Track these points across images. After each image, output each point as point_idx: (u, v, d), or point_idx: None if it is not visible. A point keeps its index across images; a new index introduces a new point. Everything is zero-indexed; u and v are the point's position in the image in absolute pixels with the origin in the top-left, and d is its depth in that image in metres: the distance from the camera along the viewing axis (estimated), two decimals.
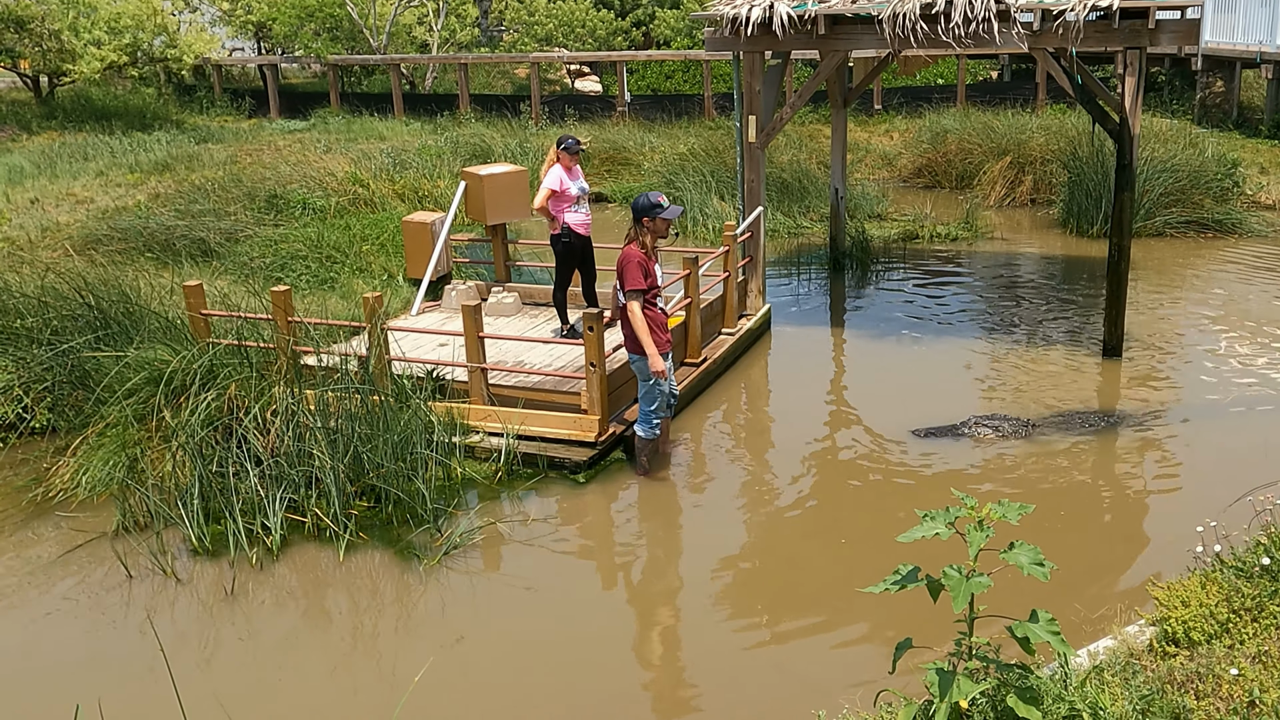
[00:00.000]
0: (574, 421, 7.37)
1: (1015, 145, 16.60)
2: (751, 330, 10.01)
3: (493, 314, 9.69)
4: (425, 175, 14.56)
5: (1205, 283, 11.75)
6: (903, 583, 3.28)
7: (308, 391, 7.04)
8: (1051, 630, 3.16)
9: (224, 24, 25.83)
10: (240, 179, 13.34)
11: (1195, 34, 8.41)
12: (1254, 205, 14.68)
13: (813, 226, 14.91)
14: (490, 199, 9.92)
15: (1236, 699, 3.68)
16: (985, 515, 3.20)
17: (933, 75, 23.54)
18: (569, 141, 8.69)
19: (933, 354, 9.68)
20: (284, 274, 10.58)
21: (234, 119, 23.49)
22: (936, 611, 3.78)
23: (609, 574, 6.24)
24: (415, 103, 23.57)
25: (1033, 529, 6.08)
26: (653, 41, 28.81)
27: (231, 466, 6.57)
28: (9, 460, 7.50)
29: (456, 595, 5.83)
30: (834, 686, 4.71)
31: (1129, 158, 8.89)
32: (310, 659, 5.30)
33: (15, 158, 15.68)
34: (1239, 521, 5.35)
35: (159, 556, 6.13)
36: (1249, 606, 4.26)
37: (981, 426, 7.76)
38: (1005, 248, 13.75)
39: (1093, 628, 4.96)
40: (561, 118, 21.65)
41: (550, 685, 5.03)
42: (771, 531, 6.60)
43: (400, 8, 25.55)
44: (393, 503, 6.55)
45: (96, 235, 11.35)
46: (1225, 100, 19.59)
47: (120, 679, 5.13)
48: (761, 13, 9.13)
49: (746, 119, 9.82)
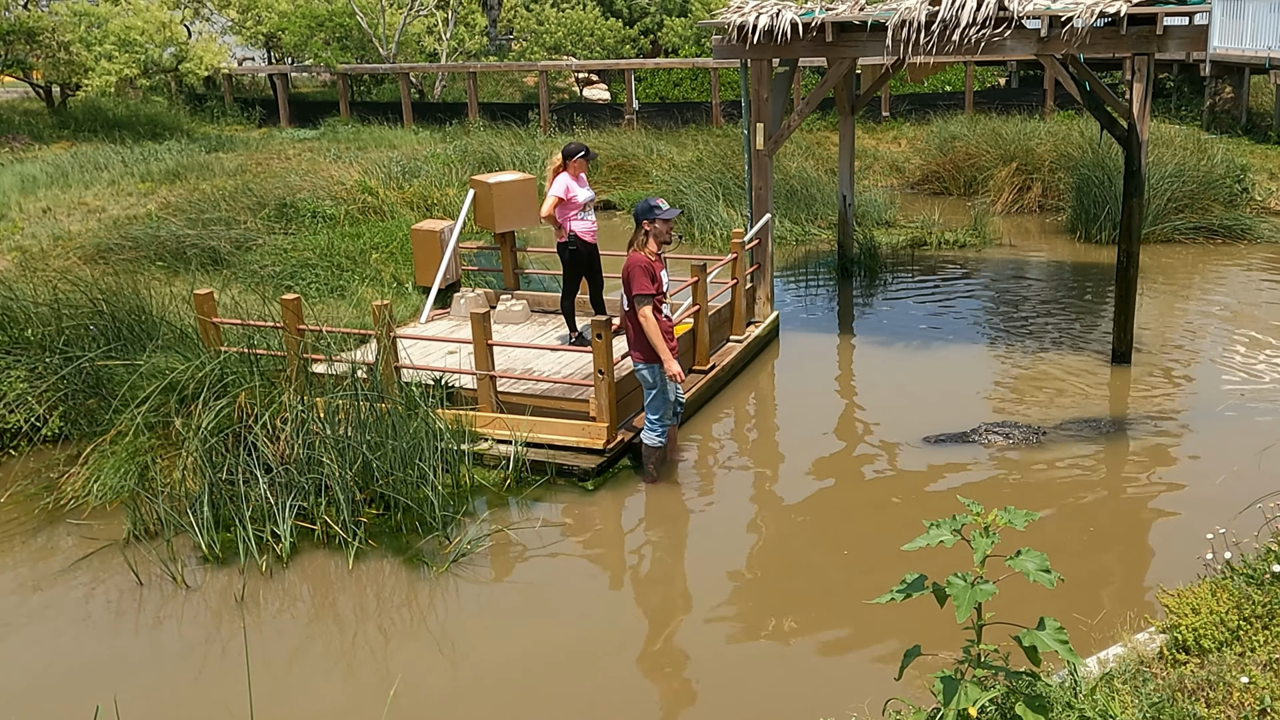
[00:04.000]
0: (582, 429, 7.38)
1: (1023, 152, 16.57)
2: (759, 337, 10.01)
3: (501, 321, 9.71)
4: (434, 183, 14.60)
5: (1214, 288, 11.71)
6: (908, 591, 3.26)
7: (317, 399, 7.07)
8: (1059, 639, 3.14)
9: (234, 33, 25.95)
10: (250, 188, 13.40)
11: (1203, 40, 8.41)
12: (1263, 211, 14.63)
13: (821, 233, 14.91)
14: (499, 207, 9.95)
15: (1248, 707, 3.67)
16: (991, 522, 3.19)
17: (940, 82, 23.53)
18: (584, 149, 8.71)
19: (941, 361, 9.67)
20: (294, 282, 10.62)
21: (244, 128, 23.61)
22: (946, 618, 3.77)
23: (617, 581, 6.25)
24: (424, 111, 23.66)
25: (1043, 536, 6.07)
26: (661, 49, 28.87)
27: (241, 474, 6.60)
28: (21, 468, 7.55)
29: (465, 602, 5.84)
30: (842, 694, 4.70)
31: (1137, 164, 8.88)
32: (319, 666, 5.31)
33: (28, 167, 15.77)
34: (1249, 528, 5.32)
35: (169, 564, 6.16)
36: (1260, 614, 4.24)
37: (992, 434, 7.75)
38: (1014, 254, 13.73)
39: (1102, 635, 4.94)
40: (570, 126, 21.70)
41: (558, 692, 5.03)
42: (779, 538, 6.59)
43: (409, 17, 25.66)
44: (402, 510, 6.57)
45: (108, 244, 11.42)
46: (1234, 106, 19.54)
47: (131, 686, 5.14)
48: (769, 20, 9.15)
49: (754, 126, 9.83)
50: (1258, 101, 19.97)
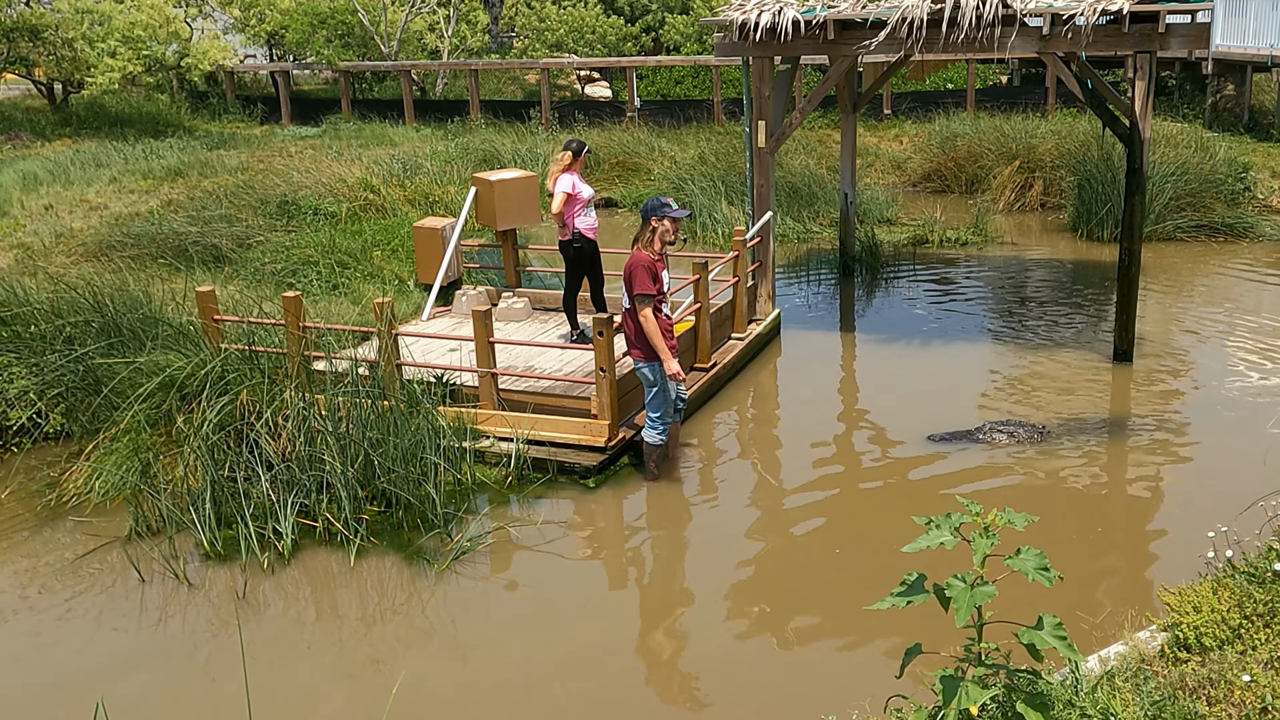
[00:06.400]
0: (584, 426, 7.38)
1: (1025, 150, 16.56)
2: (761, 335, 10.01)
3: (503, 319, 9.71)
4: (436, 181, 14.60)
5: (1216, 287, 11.70)
6: (908, 595, 3.25)
7: (319, 396, 7.08)
8: (1058, 635, 3.14)
9: (237, 31, 25.93)
10: (252, 185, 13.40)
11: (1206, 38, 8.40)
12: (1265, 209, 14.62)
13: (822, 231, 14.90)
14: (501, 204, 9.95)
15: (1249, 705, 3.67)
16: (991, 522, 3.18)
17: (942, 80, 23.50)
18: (585, 146, 8.73)
19: (942, 359, 9.67)
20: (295, 279, 10.63)
21: (246, 125, 23.59)
22: (947, 616, 3.77)
23: (618, 579, 6.25)
24: (426, 109, 23.65)
25: (1045, 534, 6.06)
26: (662, 47, 28.85)
27: (243, 471, 6.61)
28: (23, 465, 7.55)
29: (467, 599, 5.85)
30: (843, 692, 4.70)
31: (1139, 162, 8.87)
32: (321, 663, 5.32)
33: (30, 164, 15.77)
34: (1251, 527, 5.33)
35: (171, 561, 6.17)
36: (1261, 612, 4.24)
37: (997, 432, 7.76)
38: (1015, 252, 13.72)
39: (1104, 633, 4.94)
40: (572, 123, 21.70)
41: (558, 689, 5.04)
42: (781, 536, 6.60)
43: (411, 15, 25.64)
44: (403, 507, 6.58)
45: (110, 241, 11.42)
46: (1236, 104, 19.52)
47: (132, 683, 5.15)
48: (771, 18, 9.15)
49: (756, 124, 9.83)
50: (1260, 99, 19.94)
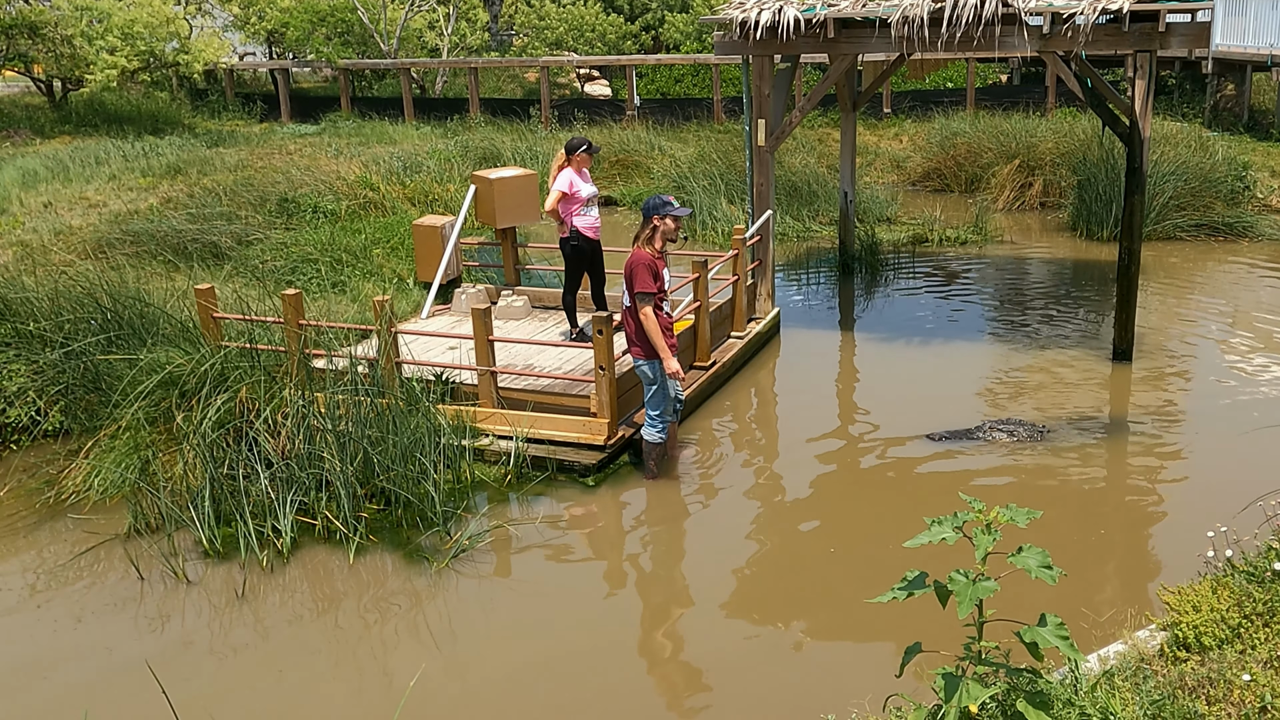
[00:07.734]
0: (583, 425, 7.38)
1: (1025, 149, 16.56)
2: (760, 334, 10.01)
3: (502, 317, 9.71)
4: (435, 179, 14.59)
5: (1216, 286, 11.70)
6: (909, 589, 3.26)
7: (318, 394, 7.07)
8: (1060, 635, 3.14)
9: (237, 28, 25.91)
10: (252, 183, 13.39)
11: (1206, 37, 8.39)
12: (1265, 209, 14.61)
13: (822, 230, 14.90)
14: (500, 202, 9.95)
15: (1248, 704, 3.67)
16: (993, 519, 3.18)
17: (942, 79, 23.50)
18: (587, 144, 8.71)
19: (942, 358, 9.66)
20: (295, 277, 10.62)
21: (245, 123, 23.57)
22: (947, 615, 3.77)
23: (617, 577, 6.25)
24: (425, 107, 23.63)
25: (1045, 534, 6.07)
26: (662, 45, 28.83)
27: (242, 469, 6.60)
28: (22, 463, 7.54)
29: (465, 598, 5.85)
30: (843, 690, 4.70)
31: (1139, 161, 8.87)
32: (320, 661, 5.31)
33: (29, 161, 15.75)
34: (1250, 526, 5.33)
35: (170, 559, 6.16)
36: (1260, 611, 4.24)
37: (997, 431, 7.76)
38: (1015, 251, 13.72)
39: (1103, 632, 4.95)
40: (571, 122, 21.69)
41: (557, 688, 5.03)
42: (780, 535, 6.59)
43: (411, 13, 25.62)
44: (402, 505, 6.57)
45: (109, 239, 11.41)
46: (1236, 103, 19.52)
47: (130, 681, 5.15)
48: (770, 16, 9.14)
49: (756, 123, 9.82)
50: (1259, 99, 19.95)
